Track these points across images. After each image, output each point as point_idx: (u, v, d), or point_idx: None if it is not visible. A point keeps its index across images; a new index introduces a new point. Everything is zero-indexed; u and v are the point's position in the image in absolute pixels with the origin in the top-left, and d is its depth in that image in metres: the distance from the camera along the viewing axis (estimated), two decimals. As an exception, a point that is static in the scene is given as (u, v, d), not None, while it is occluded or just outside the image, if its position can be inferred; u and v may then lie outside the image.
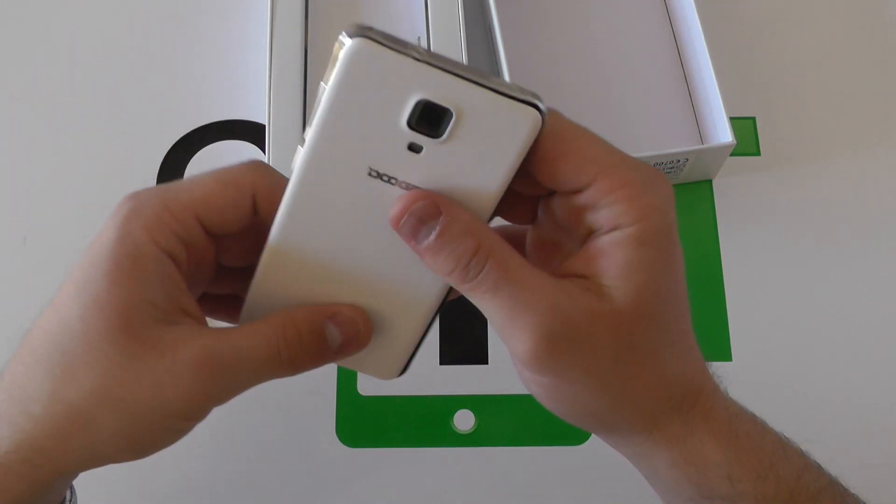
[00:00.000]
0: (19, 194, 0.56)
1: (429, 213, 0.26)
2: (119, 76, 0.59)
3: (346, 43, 0.23)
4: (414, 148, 0.25)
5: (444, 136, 0.24)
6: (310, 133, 0.25)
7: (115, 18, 0.61)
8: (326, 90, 0.24)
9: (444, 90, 0.23)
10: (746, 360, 0.51)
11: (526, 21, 0.59)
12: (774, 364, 0.51)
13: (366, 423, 0.49)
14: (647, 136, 0.55)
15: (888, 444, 0.49)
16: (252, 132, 0.57)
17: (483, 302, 0.27)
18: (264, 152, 0.52)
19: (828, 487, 0.31)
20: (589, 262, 0.27)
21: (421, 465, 0.48)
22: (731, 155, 0.52)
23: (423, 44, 0.56)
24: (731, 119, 0.51)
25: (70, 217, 0.54)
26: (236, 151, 0.57)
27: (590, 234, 0.28)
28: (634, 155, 0.51)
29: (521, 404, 0.50)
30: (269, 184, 0.28)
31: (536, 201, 0.30)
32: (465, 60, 0.53)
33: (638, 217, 0.26)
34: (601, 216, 0.27)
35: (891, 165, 0.56)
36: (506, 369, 0.52)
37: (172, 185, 0.29)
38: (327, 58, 0.24)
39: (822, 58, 0.59)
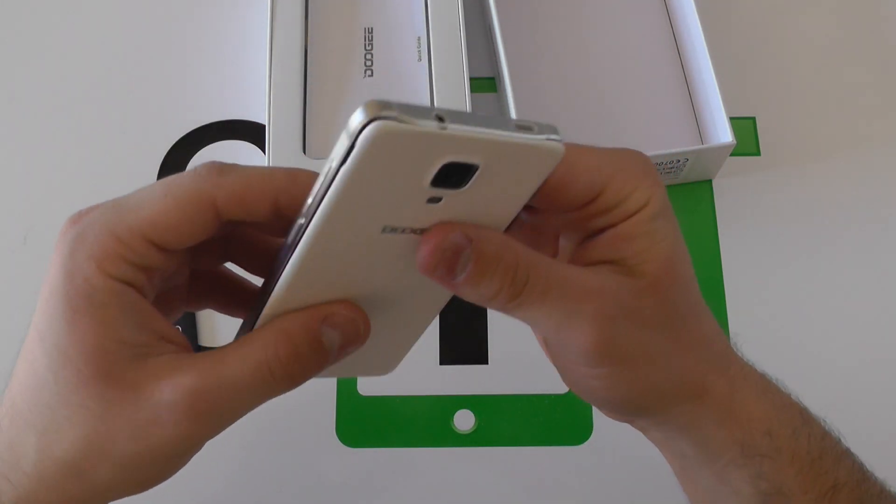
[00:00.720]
0: (19, 194, 0.56)
1: (461, 243, 0.25)
2: (119, 76, 0.59)
3: (358, 124, 0.21)
4: (433, 200, 0.24)
5: (468, 186, 0.24)
6: (322, 206, 0.23)
7: (115, 18, 0.61)
8: (342, 171, 0.22)
9: (468, 149, 0.23)
10: (746, 359, 0.51)
11: (526, 21, 0.59)
12: (774, 364, 0.51)
13: (366, 423, 0.49)
14: (647, 136, 0.55)
15: (889, 444, 0.49)
16: (252, 132, 0.57)
17: (532, 311, 0.26)
18: (264, 152, 0.52)
19: (847, 453, 0.32)
20: (610, 248, 0.28)
21: (421, 465, 0.48)
22: (731, 155, 0.52)
23: (424, 46, 0.56)
24: (731, 119, 0.51)
25: (70, 217, 0.54)
26: (236, 151, 0.57)
27: (597, 231, 0.28)
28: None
29: (521, 404, 0.50)
30: (230, 189, 0.26)
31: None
32: (465, 60, 0.53)
33: (646, 198, 0.27)
34: (614, 214, 0.27)
35: (891, 165, 0.56)
36: (506, 369, 0.52)
37: (119, 204, 0.26)
38: (327, 57, 0.23)
39: (822, 58, 0.59)
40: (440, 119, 0.22)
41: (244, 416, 0.27)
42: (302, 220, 0.24)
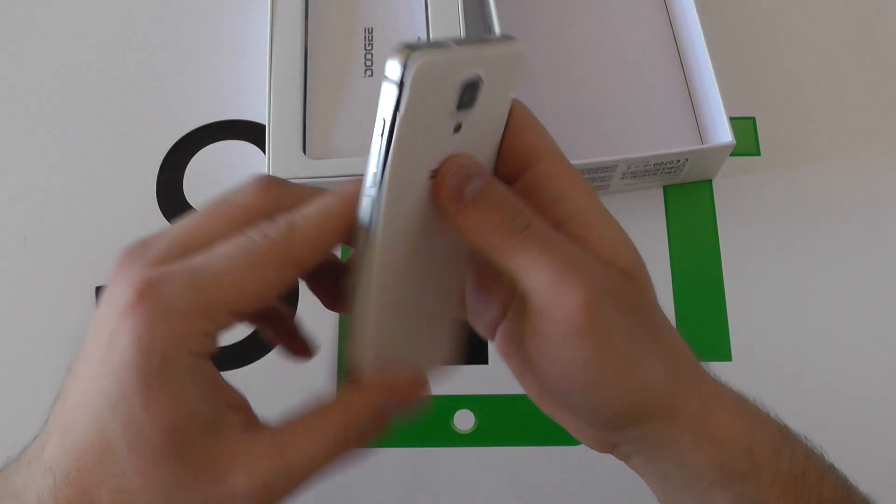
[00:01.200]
0: (19, 194, 0.56)
1: (477, 169, 0.27)
2: (119, 76, 0.59)
3: (399, 67, 0.23)
4: (458, 128, 0.26)
5: (476, 103, 0.26)
6: (389, 161, 0.25)
7: (115, 18, 0.61)
8: (399, 118, 0.24)
9: (473, 63, 0.25)
10: (746, 360, 0.51)
11: (526, 21, 0.59)
12: (774, 364, 0.51)
13: (366, 423, 0.49)
14: (647, 136, 0.55)
15: (889, 444, 0.49)
16: (252, 132, 0.57)
17: (529, 258, 0.27)
18: (264, 152, 0.52)
19: (830, 469, 0.31)
20: (582, 241, 0.28)
21: (421, 465, 0.48)
22: (731, 155, 0.52)
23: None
24: (731, 119, 0.51)
25: (70, 217, 0.54)
26: (236, 151, 0.57)
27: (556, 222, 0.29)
28: (635, 155, 0.51)
29: (521, 404, 0.50)
30: (309, 246, 0.26)
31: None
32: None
33: (585, 195, 0.28)
34: (554, 190, 0.28)
35: (891, 165, 0.56)
36: (506, 369, 0.52)
37: (198, 277, 0.25)
38: (327, 57, 0.24)
39: (822, 58, 0.59)
40: (451, 45, 0.24)
41: None
42: (369, 193, 0.26)
